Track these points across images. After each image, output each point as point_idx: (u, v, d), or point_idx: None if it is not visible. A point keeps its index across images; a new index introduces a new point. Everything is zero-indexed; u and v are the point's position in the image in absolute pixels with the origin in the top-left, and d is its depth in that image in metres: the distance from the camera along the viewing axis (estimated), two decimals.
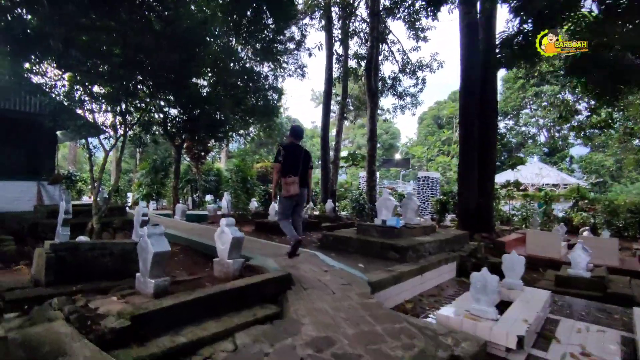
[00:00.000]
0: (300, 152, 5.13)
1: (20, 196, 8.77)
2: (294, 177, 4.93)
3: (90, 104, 7.65)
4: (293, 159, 5.01)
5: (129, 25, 6.63)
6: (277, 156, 5.12)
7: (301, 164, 5.06)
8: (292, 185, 4.92)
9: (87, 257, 4.26)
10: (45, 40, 4.47)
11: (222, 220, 4.11)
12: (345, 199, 18.10)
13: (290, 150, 5.07)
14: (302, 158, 5.09)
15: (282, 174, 5.03)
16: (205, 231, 7.95)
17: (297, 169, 5.00)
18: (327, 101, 14.96)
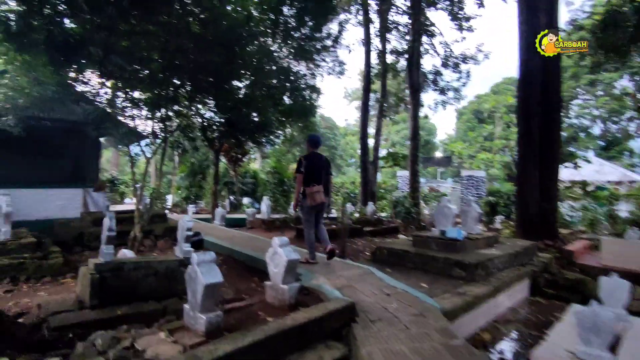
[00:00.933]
0: (321, 160, 5.17)
1: (68, 203, 8.88)
2: (318, 185, 4.95)
3: (131, 110, 7.55)
4: (315, 168, 5.04)
5: (167, 29, 6.40)
6: (299, 167, 5.11)
7: (323, 173, 5.09)
8: (318, 194, 4.93)
9: (131, 277, 4.00)
10: (85, 47, 4.25)
11: (274, 240, 3.68)
12: (383, 199, 17.44)
13: (311, 160, 5.09)
14: (323, 166, 5.12)
15: (305, 184, 5.02)
16: (248, 240, 7.65)
17: (320, 178, 5.04)
18: (366, 99, 14.34)
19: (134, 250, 7.42)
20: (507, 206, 15.19)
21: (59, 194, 8.70)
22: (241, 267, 6.18)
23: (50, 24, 3.94)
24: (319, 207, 5.10)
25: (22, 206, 8.21)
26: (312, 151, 5.23)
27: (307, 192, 4.98)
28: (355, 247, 8.10)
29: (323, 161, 5.19)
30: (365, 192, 14.23)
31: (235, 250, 6.67)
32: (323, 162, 5.18)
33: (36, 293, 4.60)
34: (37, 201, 8.39)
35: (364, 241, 9.10)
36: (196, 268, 2.70)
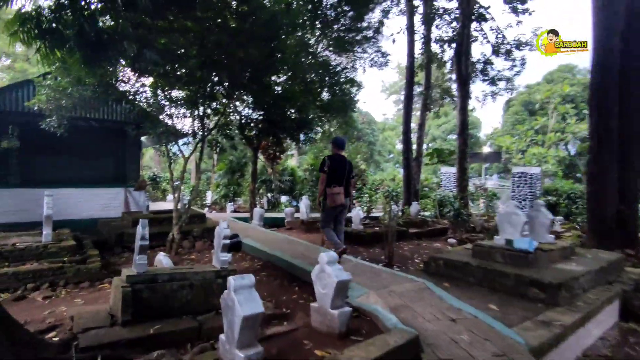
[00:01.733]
0: (344, 162, 5.23)
1: (110, 203, 8.96)
2: (339, 187, 5.04)
3: (169, 109, 7.38)
4: (338, 170, 5.10)
5: (205, 24, 6.07)
6: (323, 167, 5.17)
7: (345, 175, 5.13)
8: (338, 196, 5.02)
9: (164, 290, 3.68)
10: (119, 44, 3.97)
11: (322, 256, 3.18)
12: (425, 197, 16.51)
13: (334, 161, 5.15)
14: (346, 169, 5.17)
15: (327, 185, 5.10)
16: (287, 243, 7.24)
17: (342, 180, 5.11)
18: (409, 92, 13.48)
19: (171, 253, 7.29)
20: (567, 206, 13.80)
21: (102, 193, 8.78)
22: (281, 273, 5.77)
23: (82, 18, 3.64)
24: (338, 208, 5.18)
25: (66, 205, 8.35)
26: (337, 153, 5.29)
27: (327, 193, 5.07)
28: (401, 253, 7.47)
29: (346, 164, 5.23)
30: (408, 190, 13.44)
31: (274, 255, 6.28)
32: (346, 164, 5.23)
33: (73, 300, 4.43)
34: (80, 200, 8.50)
35: (410, 245, 8.43)
36: (233, 295, 2.26)
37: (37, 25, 3.66)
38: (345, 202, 5.16)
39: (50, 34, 3.69)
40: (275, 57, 6.10)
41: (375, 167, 31.93)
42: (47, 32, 3.68)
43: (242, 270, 6.04)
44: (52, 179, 8.30)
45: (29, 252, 4.84)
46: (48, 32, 3.68)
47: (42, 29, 3.69)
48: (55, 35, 3.71)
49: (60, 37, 3.72)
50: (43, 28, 3.69)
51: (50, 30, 3.67)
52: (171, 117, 7.37)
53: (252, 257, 6.88)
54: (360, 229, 8.47)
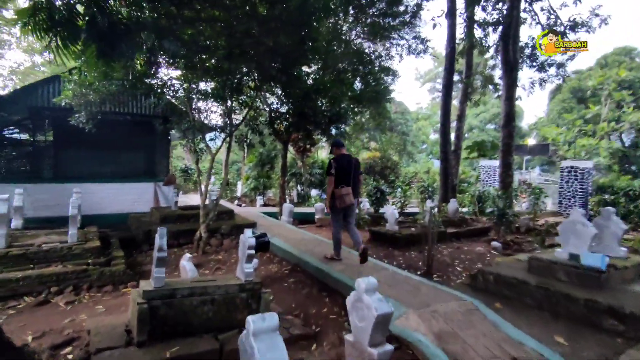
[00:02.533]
0: (350, 161, 5.25)
1: (139, 198, 8.91)
2: (347, 187, 5.10)
3: (196, 102, 7.11)
4: (344, 170, 5.15)
5: (234, 13, 5.65)
6: (330, 169, 5.22)
7: (352, 174, 5.18)
8: (347, 196, 5.07)
9: (184, 306, 3.36)
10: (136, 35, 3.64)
11: (359, 283, 2.71)
12: (462, 192, 15.56)
13: (340, 162, 5.18)
14: (352, 168, 5.21)
15: (335, 186, 5.13)
16: (317, 245, 6.83)
17: (349, 180, 5.16)
18: (449, 80, 12.53)
19: (199, 252, 7.10)
20: (625, 206, 12.48)
21: (132, 188, 8.74)
22: (310, 280, 5.38)
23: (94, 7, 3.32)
24: (347, 208, 5.24)
25: (98, 200, 8.38)
26: (341, 153, 5.31)
27: (336, 194, 5.11)
28: (440, 258, 6.85)
29: (352, 162, 5.26)
30: (445, 185, 12.62)
31: (303, 259, 5.89)
32: (352, 163, 5.26)
33: (94, 307, 4.25)
34: (111, 195, 8.50)
35: (449, 249, 7.78)
36: (252, 342, 1.85)
37: (49, 17, 3.37)
38: (354, 202, 5.25)
39: (63, 25, 3.38)
40: (307, 46, 5.60)
41: (408, 158, 30.83)
42: (59, 24, 3.37)
43: (269, 276, 5.73)
44: (83, 173, 8.34)
45: (53, 253, 4.72)
46: (60, 24, 3.38)
47: (54, 21, 3.40)
48: (67, 27, 3.40)
49: (73, 29, 3.41)
50: (55, 19, 3.39)
51: (62, 21, 3.36)
52: (199, 111, 7.11)
53: (280, 259, 6.54)
54: (395, 230, 7.92)
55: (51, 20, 3.37)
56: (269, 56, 5.44)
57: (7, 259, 4.43)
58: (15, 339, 3.35)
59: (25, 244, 4.79)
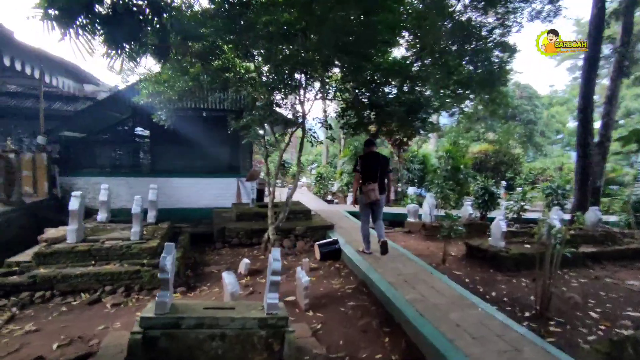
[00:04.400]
0: (378, 159, 5.37)
1: (224, 192, 9.04)
2: (373, 184, 5.20)
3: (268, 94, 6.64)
4: (371, 167, 5.26)
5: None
6: (356, 166, 5.45)
7: (379, 171, 5.27)
8: (372, 192, 5.18)
9: (188, 340, 2.78)
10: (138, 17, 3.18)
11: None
12: (612, 197, 12.06)
13: (367, 159, 5.36)
14: (380, 165, 5.30)
15: (362, 182, 5.29)
16: (394, 259, 5.70)
17: (376, 176, 5.25)
18: (594, 52, 9.51)
19: (266, 254, 6.68)
20: None
21: (216, 183, 8.91)
22: (373, 306, 4.38)
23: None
24: (373, 203, 5.38)
25: (185, 194, 8.74)
26: (369, 151, 5.48)
27: (363, 190, 5.29)
28: (566, 293, 4.97)
29: (380, 160, 5.38)
30: (583, 188, 9.77)
31: (370, 277, 4.89)
32: (380, 160, 5.37)
33: (136, 312, 4.06)
34: (197, 189, 8.79)
35: (581, 278, 5.74)
36: None
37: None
38: (379, 198, 5.33)
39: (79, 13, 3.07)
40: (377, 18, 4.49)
41: (535, 151, 26.09)
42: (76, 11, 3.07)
43: (328, 294, 4.88)
44: (174, 168, 8.80)
45: (113, 251, 4.78)
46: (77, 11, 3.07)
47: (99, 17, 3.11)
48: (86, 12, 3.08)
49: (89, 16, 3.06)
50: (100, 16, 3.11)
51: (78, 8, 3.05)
52: (273, 104, 6.63)
53: (349, 273, 5.66)
54: (500, 247, 6.21)
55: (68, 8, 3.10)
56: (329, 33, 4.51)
57: (74, 254, 4.62)
58: (40, 347, 3.31)
59: (93, 239, 4.97)
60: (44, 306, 4.14)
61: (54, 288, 4.31)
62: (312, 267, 5.91)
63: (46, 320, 3.84)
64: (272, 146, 6.79)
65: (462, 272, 5.79)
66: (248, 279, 5.33)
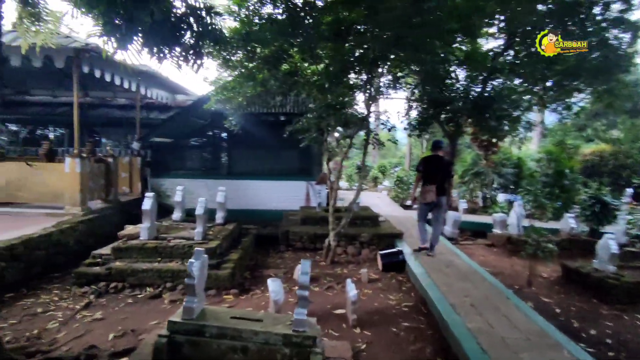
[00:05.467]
0: (440, 162, 5.50)
1: (294, 195, 9.12)
2: (432, 185, 5.38)
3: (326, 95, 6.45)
4: (431, 170, 5.43)
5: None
6: (419, 167, 5.71)
7: (440, 174, 5.41)
8: (429, 194, 5.37)
9: (210, 350, 2.72)
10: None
11: None
12: None
13: (429, 162, 5.56)
14: (441, 168, 5.44)
15: (423, 183, 5.52)
16: (463, 277, 5.00)
17: (436, 179, 5.40)
18: None
19: (327, 260, 6.47)
20: None
21: (287, 185, 9.03)
22: (429, 329, 3.88)
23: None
24: (431, 204, 5.45)
25: (258, 196, 9.04)
26: (434, 154, 5.57)
27: (422, 191, 5.47)
28: None
29: (442, 163, 5.46)
30: None
31: (430, 295, 4.33)
32: (442, 164, 5.46)
33: None
34: (269, 192, 9.02)
35: None
36: None
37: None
38: (437, 200, 5.39)
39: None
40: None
41: None
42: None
43: (382, 309, 4.42)
44: (247, 170, 9.17)
45: (176, 250, 5.07)
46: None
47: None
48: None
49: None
50: None
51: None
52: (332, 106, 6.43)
53: (411, 287, 5.15)
54: (610, 272, 5.00)
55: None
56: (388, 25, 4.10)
57: (143, 250, 5.03)
58: (99, 336, 3.60)
59: (163, 237, 5.36)
60: (115, 296, 4.56)
61: (125, 280, 4.72)
62: (371, 279, 5.53)
63: (113, 310, 4.20)
64: (332, 150, 6.55)
65: (552, 300, 4.82)
66: None
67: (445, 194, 5.52)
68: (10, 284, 4.52)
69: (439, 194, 5.42)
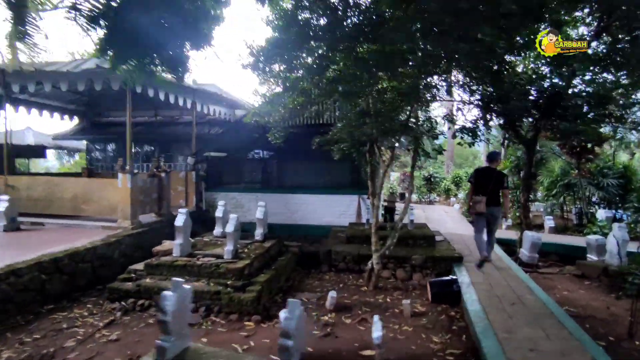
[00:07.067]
0: (492, 174, 5.47)
1: (346, 210, 8.57)
2: (482, 197, 5.34)
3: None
4: (483, 181, 5.43)
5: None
6: (470, 178, 5.77)
7: (492, 185, 5.38)
8: (478, 204, 5.34)
9: None
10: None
11: None
12: None
13: (481, 173, 5.60)
14: (493, 180, 5.41)
15: (474, 194, 5.50)
16: (539, 320, 3.91)
17: (486, 190, 5.37)
18: None
19: (369, 286, 5.75)
20: None
21: (337, 200, 8.54)
22: None
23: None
24: (482, 215, 5.42)
25: (308, 210, 8.66)
26: (487, 165, 5.63)
27: (472, 202, 5.50)
28: None
29: (494, 175, 5.46)
30: None
31: (482, 342, 3.42)
32: (494, 176, 5.45)
33: (201, 338, 3.93)
34: (318, 206, 8.60)
35: None
36: None
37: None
38: (489, 211, 5.35)
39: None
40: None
41: None
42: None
43: (418, 356, 3.63)
44: (297, 184, 8.87)
45: (204, 269, 4.87)
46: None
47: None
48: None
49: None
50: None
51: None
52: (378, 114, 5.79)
53: (464, 327, 4.24)
54: None
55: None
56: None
57: (173, 268, 4.94)
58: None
59: (197, 253, 5.25)
60: (139, 315, 4.49)
61: (152, 298, 4.64)
62: (416, 312, 4.72)
63: (131, 330, 4.10)
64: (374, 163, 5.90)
65: None
66: (332, 316, 4.59)
67: (498, 204, 5.47)
68: (52, 296, 4.74)
69: (491, 204, 5.37)
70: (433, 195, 16.58)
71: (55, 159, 30.11)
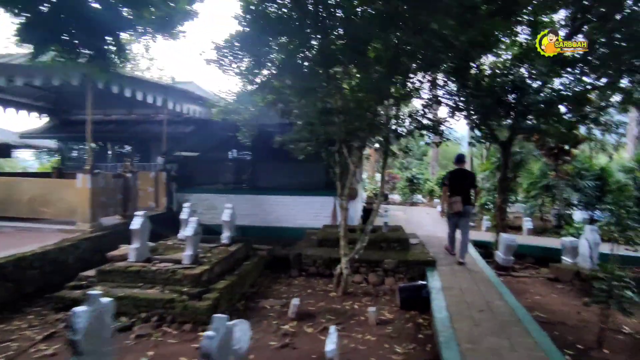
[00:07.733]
0: (464, 175, 5.96)
1: (320, 212, 8.36)
2: (457, 197, 5.70)
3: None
4: (458, 182, 5.83)
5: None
6: (444, 180, 6.21)
7: (465, 185, 5.79)
8: (456, 204, 5.69)
9: None
10: None
11: None
12: None
13: (454, 175, 5.97)
14: (465, 180, 5.85)
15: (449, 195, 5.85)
16: (506, 329, 3.74)
17: (461, 190, 5.75)
18: None
19: (337, 291, 5.53)
20: None
21: (312, 201, 8.33)
22: None
23: None
24: (456, 214, 5.80)
25: (282, 213, 8.43)
26: (458, 167, 6.03)
27: (450, 202, 5.82)
28: None
29: (466, 176, 5.92)
30: None
31: (444, 355, 3.22)
32: (466, 176, 5.92)
33: (147, 352, 3.66)
34: (293, 208, 8.38)
35: None
36: None
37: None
38: (463, 209, 5.69)
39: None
40: None
41: None
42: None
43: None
44: (271, 185, 8.63)
45: (158, 275, 4.59)
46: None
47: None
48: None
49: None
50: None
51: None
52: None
53: (430, 336, 4.04)
54: None
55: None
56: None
57: (126, 274, 4.64)
58: None
59: (154, 258, 4.96)
60: None
61: None
62: (383, 319, 4.51)
63: None
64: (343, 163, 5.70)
65: None
66: (294, 325, 4.35)
67: (470, 203, 5.85)
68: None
69: (465, 203, 5.71)
70: (417, 196, 16.47)
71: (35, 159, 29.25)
